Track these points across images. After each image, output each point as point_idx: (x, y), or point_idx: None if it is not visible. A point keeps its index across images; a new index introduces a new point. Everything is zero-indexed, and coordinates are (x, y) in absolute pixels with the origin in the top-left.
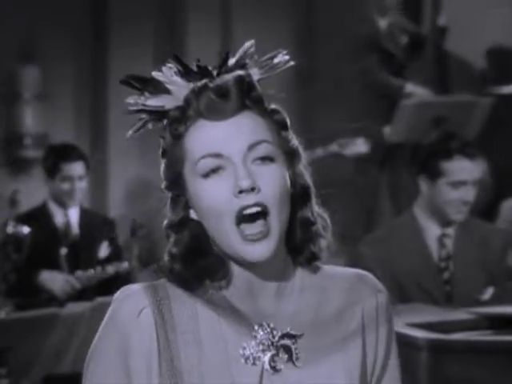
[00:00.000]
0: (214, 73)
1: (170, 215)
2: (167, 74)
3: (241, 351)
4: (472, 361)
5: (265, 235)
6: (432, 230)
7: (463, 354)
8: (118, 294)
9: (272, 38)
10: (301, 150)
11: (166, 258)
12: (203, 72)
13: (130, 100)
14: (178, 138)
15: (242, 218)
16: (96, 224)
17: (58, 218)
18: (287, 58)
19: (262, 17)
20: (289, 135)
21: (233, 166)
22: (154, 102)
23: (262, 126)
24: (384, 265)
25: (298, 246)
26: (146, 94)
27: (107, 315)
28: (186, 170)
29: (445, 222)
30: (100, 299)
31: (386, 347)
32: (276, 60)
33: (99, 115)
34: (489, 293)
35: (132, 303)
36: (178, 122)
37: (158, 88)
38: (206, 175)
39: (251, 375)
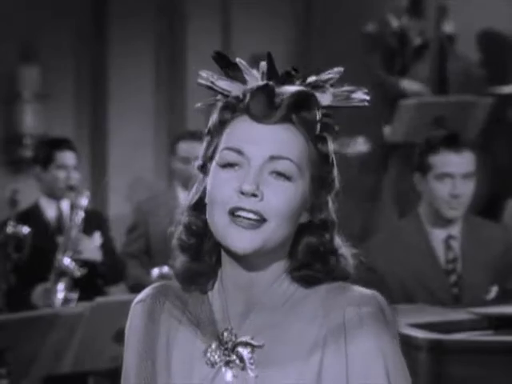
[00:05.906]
0: (297, 82)
1: (193, 193)
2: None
3: (204, 355)
4: (472, 361)
5: (255, 226)
6: (437, 232)
7: (464, 354)
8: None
9: (272, 37)
10: (337, 182)
11: (175, 242)
12: (284, 78)
13: (203, 73)
14: (222, 123)
15: (234, 216)
16: (87, 216)
17: (50, 212)
18: (365, 97)
19: (262, 16)
20: (329, 167)
21: (249, 168)
22: (224, 84)
23: (296, 145)
24: (390, 267)
25: (297, 267)
26: (221, 75)
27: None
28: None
29: (445, 222)
30: (100, 299)
31: (363, 362)
32: (353, 95)
33: (99, 115)
34: (494, 291)
35: (147, 302)
36: (228, 109)
37: (236, 75)
38: (223, 166)
39: (208, 378)
